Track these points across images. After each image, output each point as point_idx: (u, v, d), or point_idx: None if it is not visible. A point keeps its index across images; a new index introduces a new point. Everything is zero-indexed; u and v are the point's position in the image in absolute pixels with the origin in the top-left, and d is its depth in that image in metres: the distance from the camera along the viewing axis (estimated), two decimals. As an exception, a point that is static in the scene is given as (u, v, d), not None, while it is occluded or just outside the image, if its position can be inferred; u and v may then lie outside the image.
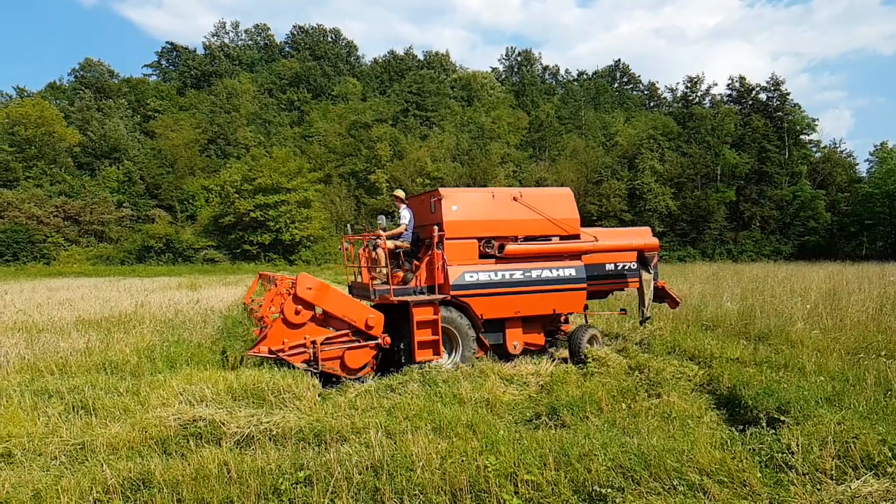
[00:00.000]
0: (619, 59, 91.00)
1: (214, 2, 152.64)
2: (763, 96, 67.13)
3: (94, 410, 6.81)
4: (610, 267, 10.78)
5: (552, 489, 4.80)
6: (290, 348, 8.50)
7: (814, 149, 66.33)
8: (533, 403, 7.58)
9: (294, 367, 8.26)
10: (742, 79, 68.78)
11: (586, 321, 11.64)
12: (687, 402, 7.32)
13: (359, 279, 10.21)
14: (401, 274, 9.69)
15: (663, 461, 5.06)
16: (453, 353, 9.50)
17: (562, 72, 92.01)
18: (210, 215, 57.54)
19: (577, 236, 10.22)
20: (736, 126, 62.99)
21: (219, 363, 9.32)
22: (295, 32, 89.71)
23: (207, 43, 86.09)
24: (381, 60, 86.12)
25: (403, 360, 9.01)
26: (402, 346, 9.13)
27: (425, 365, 8.87)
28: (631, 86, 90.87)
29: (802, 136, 65.27)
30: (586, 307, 11.11)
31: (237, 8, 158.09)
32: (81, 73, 76.46)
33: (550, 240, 10.03)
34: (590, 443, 5.49)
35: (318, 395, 7.53)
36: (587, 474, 4.92)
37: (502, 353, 10.02)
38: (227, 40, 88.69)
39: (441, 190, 9.70)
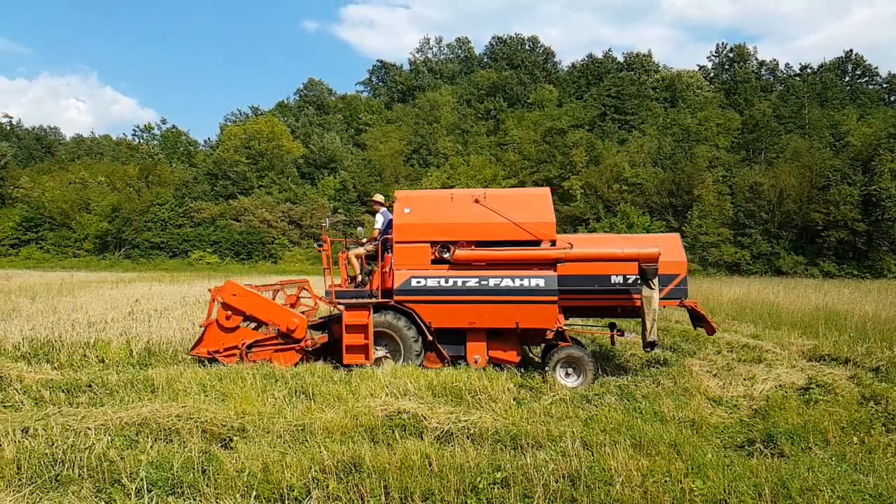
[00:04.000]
0: (852, 50, 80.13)
1: (420, 19, 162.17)
2: None
3: (312, 396, 7.56)
4: (617, 279, 9.22)
5: (770, 525, 4.34)
6: (225, 349, 9.34)
7: None
8: (745, 428, 6.92)
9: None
10: None
11: (616, 340, 10.47)
12: (940, 443, 6.21)
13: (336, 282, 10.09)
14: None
15: (911, 509, 4.33)
16: (397, 362, 9.14)
17: (781, 66, 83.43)
18: (412, 221, 61.11)
19: (552, 242, 9.01)
20: None
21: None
22: (493, 43, 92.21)
23: (412, 59, 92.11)
24: (578, 65, 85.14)
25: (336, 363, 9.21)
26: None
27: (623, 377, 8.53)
28: (866, 79, 79.56)
29: None
30: (615, 325, 10.44)
31: (441, 23, 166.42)
32: (305, 91, 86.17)
33: (532, 245, 9.01)
34: (814, 476, 4.91)
35: (514, 399, 7.60)
36: (813, 513, 4.37)
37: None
38: (430, 55, 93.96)
39: (397, 192, 9.56)
